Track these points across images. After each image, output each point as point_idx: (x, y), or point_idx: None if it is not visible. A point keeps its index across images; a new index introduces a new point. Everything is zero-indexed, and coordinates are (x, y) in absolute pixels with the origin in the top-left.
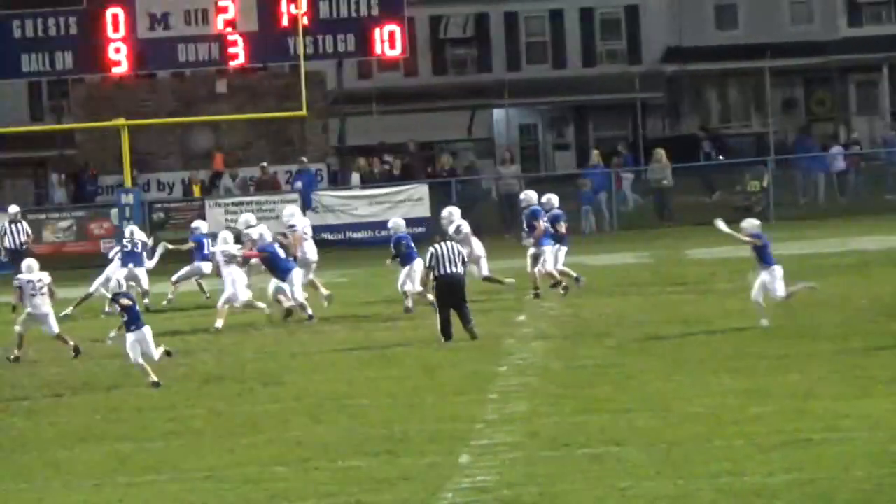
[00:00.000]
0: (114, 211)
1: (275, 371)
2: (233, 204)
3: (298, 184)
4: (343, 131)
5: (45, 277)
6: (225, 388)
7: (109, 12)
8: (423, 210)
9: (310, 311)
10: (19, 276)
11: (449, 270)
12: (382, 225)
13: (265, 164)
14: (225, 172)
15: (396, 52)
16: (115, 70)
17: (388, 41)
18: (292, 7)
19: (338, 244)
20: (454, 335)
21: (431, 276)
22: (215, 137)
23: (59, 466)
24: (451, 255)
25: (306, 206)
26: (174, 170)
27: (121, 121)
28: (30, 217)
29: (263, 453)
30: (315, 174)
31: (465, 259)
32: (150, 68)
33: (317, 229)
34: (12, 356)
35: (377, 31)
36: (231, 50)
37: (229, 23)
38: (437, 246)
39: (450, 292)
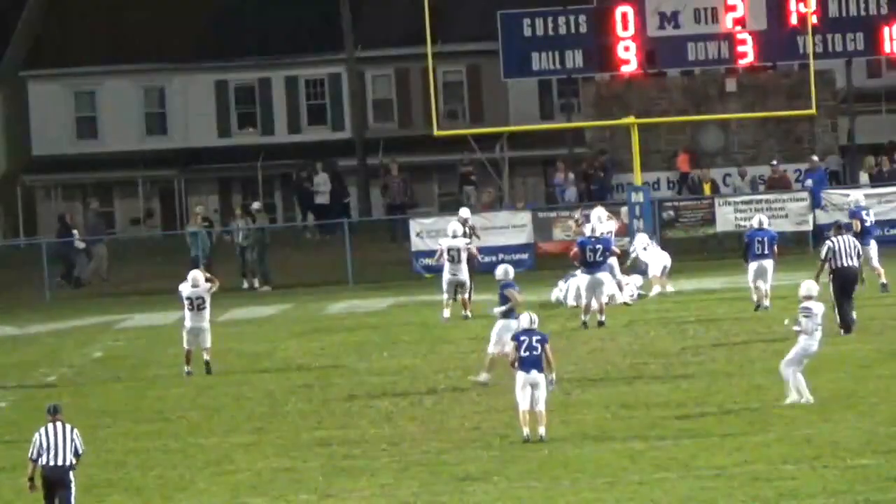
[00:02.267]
0: (623, 209)
1: None
2: (742, 202)
3: (808, 182)
4: (852, 130)
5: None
6: (733, 386)
7: (619, 10)
8: None
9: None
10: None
11: (845, 263)
12: (891, 223)
13: (775, 162)
14: (691, 173)
15: None
16: (625, 69)
17: None
18: (801, 6)
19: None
20: None
21: (828, 269)
22: (725, 136)
23: (568, 465)
24: (848, 249)
25: (815, 204)
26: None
27: (630, 119)
28: (540, 216)
29: (772, 451)
30: (826, 172)
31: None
32: (660, 67)
33: (825, 227)
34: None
35: (886, 29)
36: (740, 49)
37: (738, 21)
38: (834, 239)
39: (844, 285)
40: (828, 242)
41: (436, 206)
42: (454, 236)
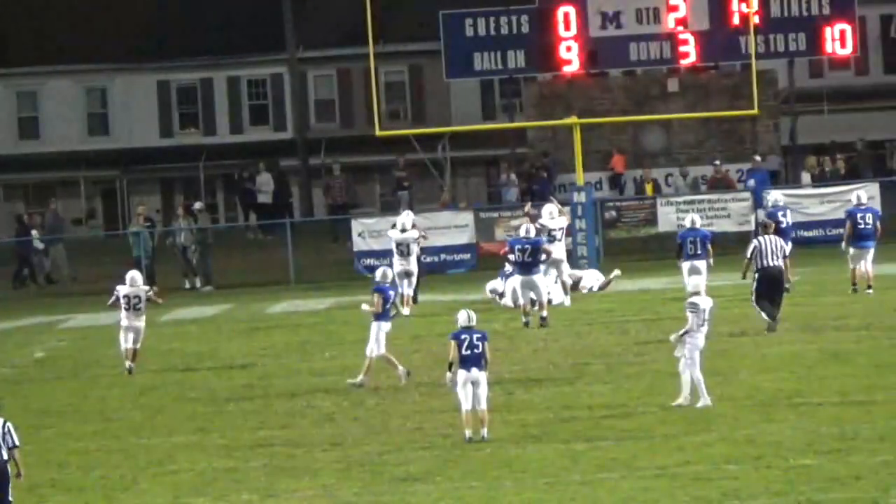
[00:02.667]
0: (566, 209)
1: (725, 369)
2: (684, 203)
3: (751, 182)
4: (794, 130)
5: None
6: (675, 386)
7: (561, 11)
8: (875, 208)
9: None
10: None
11: (769, 263)
12: (832, 223)
13: (718, 162)
14: (624, 174)
15: (847, 50)
16: (567, 69)
17: (838, 40)
18: (743, 6)
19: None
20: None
21: (753, 268)
22: (667, 136)
23: (510, 465)
24: (773, 248)
25: (757, 204)
26: (627, 168)
27: (573, 119)
28: (482, 216)
29: (714, 451)
30: (767, 173)
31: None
32: (602, 67)
33: None
34: None
35: (828, 29)
36: (682, 49)
37: (680, 21)
38: (759, 239)
39: (770, 284)
40: (753, 241)
41: (377, 206)
42: (403, 230)
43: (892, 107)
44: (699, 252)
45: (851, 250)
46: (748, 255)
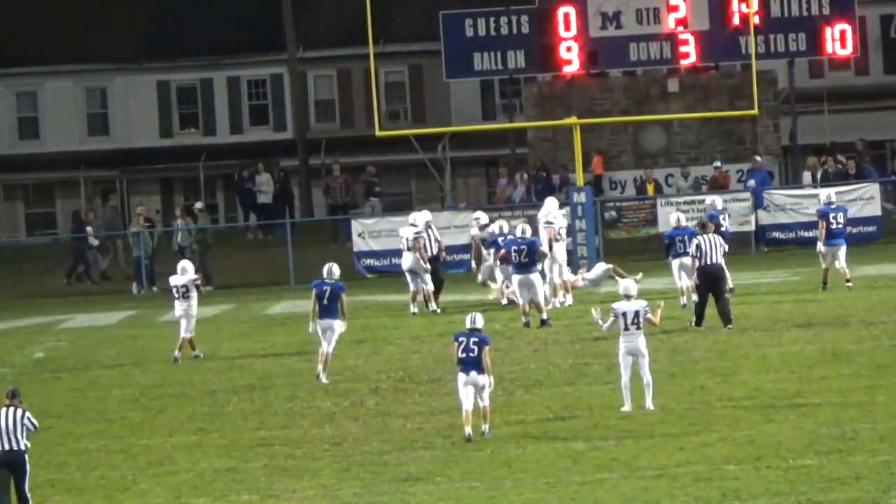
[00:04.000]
0: (566, 209)
1: (726, 369)
2: (684, 203)
3: (751, 182)
4: (794, 130)
5: None
6: (676, 387)
7: (561, 11)
8: (874, 209)
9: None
10: None
11: (710, 261)
12: None
13: (718, 163)
14: (604, 176)
15: (847, 51)
16: (567, 69)
17: (838, 40)
18: (743, 6)
19: (788, 243)
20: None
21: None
22: (667, 136)
23: (510, 465)
24: (713, 247)
25: (757, 204)
26: (627, 168)
27: (573, 119)
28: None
29: (715, 452)
30: (766, 173)
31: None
32: (602, 67)
33: (768, 228)
34: None
35: (828, 30)
36: (682, 49)
37: (680, 22)
38: (701, 238)
39: (710, 280)
40: (696, 240)
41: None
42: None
43: (893, 107)
44: (688, 250)
45: (823, 248)
46: (693, 254)
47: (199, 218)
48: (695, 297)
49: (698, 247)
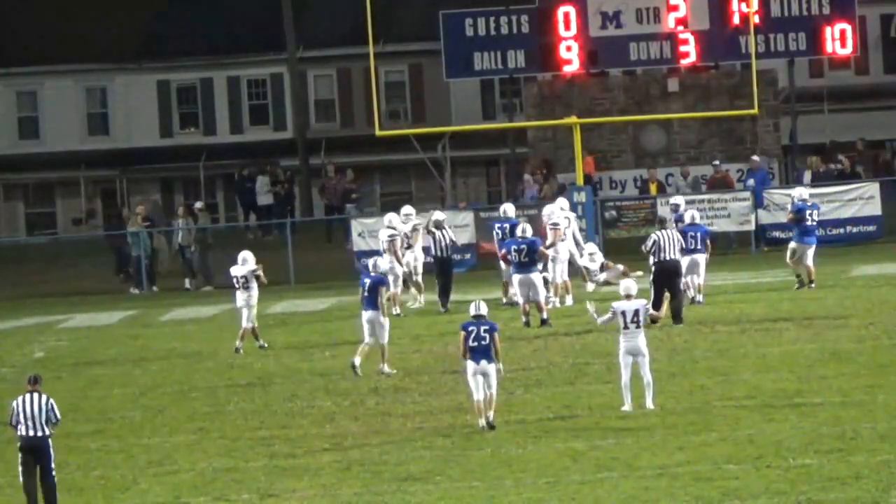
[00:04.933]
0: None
1: (726, 369)
2: (685, 202)
3: (751, 181)
4: (794, 130)
5: None
6: (676, 386)
7: (561, 10)
8: (875, 209)
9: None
10: None
11: (667, 256)
12: (833, 223)
13: (717, 162)
14: (594, 175)
15: (847, 50)
16: (567, 69)
17: (839, 39)
18: (743, 6)
19: (789, 242)
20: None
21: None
22: (667, 136)
23: (510, 464)
24: (671, 243)
25: (758, 204)
26: (627, 168)
27: (573, 119)
28: (482, 215)
29: (715, 451)
30: (766, 173)
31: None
32: (602, 67)
33: (768, 227)
34: None
35: (828, 29)
36: (682, 48)
37: (680, 21)
38: (658, 233)
39: (667, 276)
40: (652, 236)
41: (378, 206)
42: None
43: (892, 106)
44: (698, 247)
45: (793, 244)
46: (647, 249)
47: (200, 217)
48: (700, 298)
49: (655, 242)
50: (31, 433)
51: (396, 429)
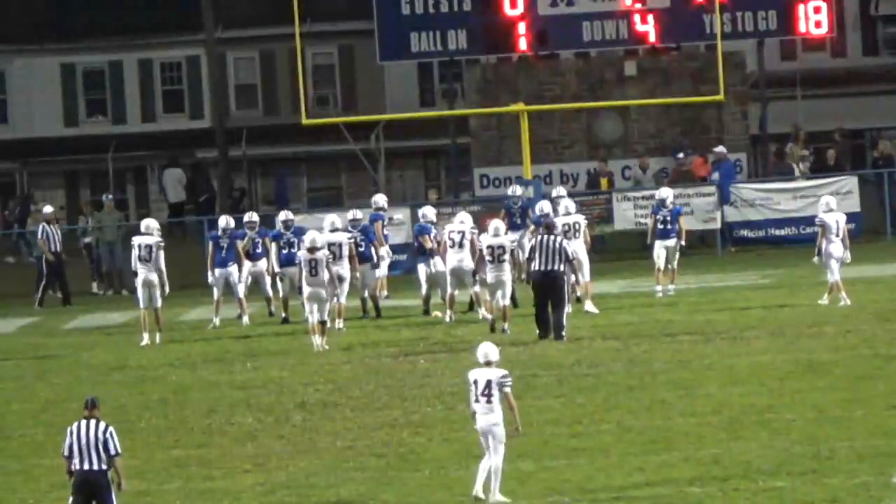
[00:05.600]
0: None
1: (689, 382)
2: (643, 198)
3: (715, 175)
4: (764, 118)
5: None
6: (634, 401)
7: None
8: (853, 205)
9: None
10: None
11: (542, 267)
12: (808, 221)
13: (682, 154)
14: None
15: (822, 31)
16: (513, 51)
17: (813, 19)
18: None
19: (758, 242)
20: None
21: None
22: (624, 125)
23: (451, 487)
24: (548, 251)
25: (723, 199)
26: (580, 160)
27: (520, 106)
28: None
29: (677, 472)
30: (734, 165)
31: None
32: (552, 48)
33: (735, 225)
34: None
35: (801, 7)
36: (640, 28)
37: None
38: (536, 240)
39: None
40: (530, 243)
41: (304, 201)
42: (333, 230)
43: (872, 92)
44: (671, 231)
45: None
46: (527, 257)
47: (107, 210)
48: (667, 289)
49: (533, 249)
50: (87, 466)
51: (325, 448)
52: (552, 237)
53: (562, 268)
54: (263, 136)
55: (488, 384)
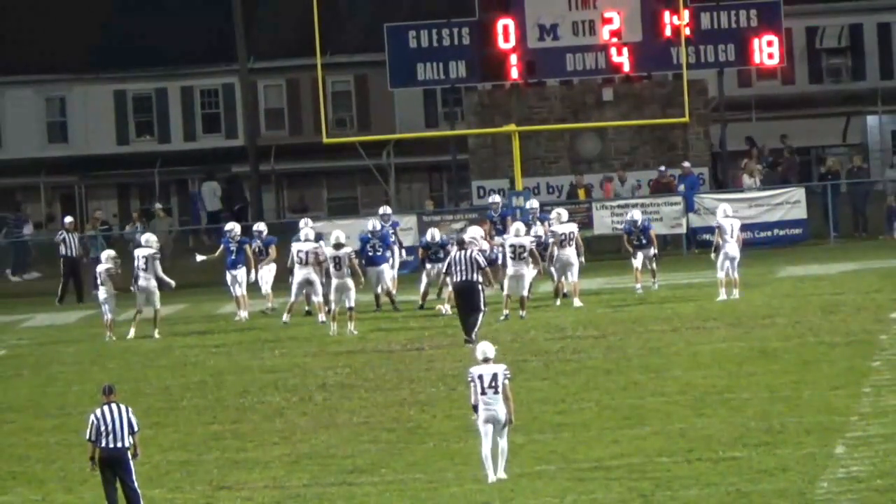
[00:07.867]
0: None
1: (659, 366)
2: (619, 206)
3: (682, 187)
4: (723, 137)
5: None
6: (611, 382)
7: (501, 23)
8: (800, 213)
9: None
10: None
11: (458, 278)
12: (761, 227)
13: (663, 168)
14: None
15: (774, 61)
16: (506, 79)
17: (766, 51)
18: (675, 19)
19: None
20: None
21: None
22: (602, 143)
23: (452, 457)
24: (463, 264)
25: (688, 208)
26: (564, 174)
27: (511, 127)
28: (425, 219)
29: (648, 444)
30: (698, 178)
31: (481, 266)
32: (540, 77)
33: (698, 230)
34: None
35: (756, 41)
36: (616, 59)
37: (615, 33)
38: (452, 254)
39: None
40: (448, 259)
41: (325, 210)
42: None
43: (817, 115)
44: (645, 245)
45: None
46: (444, 270)
47: (158, 218)
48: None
49: (450, 265)
50: (113, 445)
51: (343, 423)
52: (466, 251)
53: (477, 277)
54: (289, 153)
55: (494, 377)
